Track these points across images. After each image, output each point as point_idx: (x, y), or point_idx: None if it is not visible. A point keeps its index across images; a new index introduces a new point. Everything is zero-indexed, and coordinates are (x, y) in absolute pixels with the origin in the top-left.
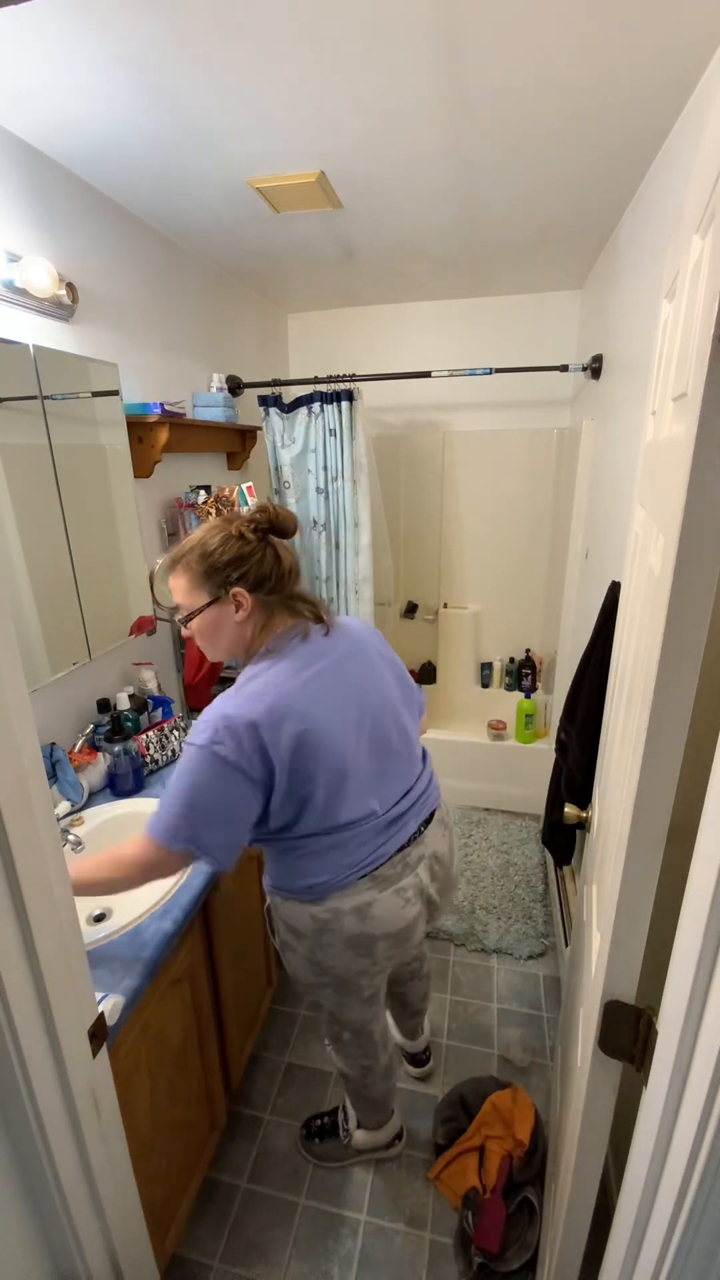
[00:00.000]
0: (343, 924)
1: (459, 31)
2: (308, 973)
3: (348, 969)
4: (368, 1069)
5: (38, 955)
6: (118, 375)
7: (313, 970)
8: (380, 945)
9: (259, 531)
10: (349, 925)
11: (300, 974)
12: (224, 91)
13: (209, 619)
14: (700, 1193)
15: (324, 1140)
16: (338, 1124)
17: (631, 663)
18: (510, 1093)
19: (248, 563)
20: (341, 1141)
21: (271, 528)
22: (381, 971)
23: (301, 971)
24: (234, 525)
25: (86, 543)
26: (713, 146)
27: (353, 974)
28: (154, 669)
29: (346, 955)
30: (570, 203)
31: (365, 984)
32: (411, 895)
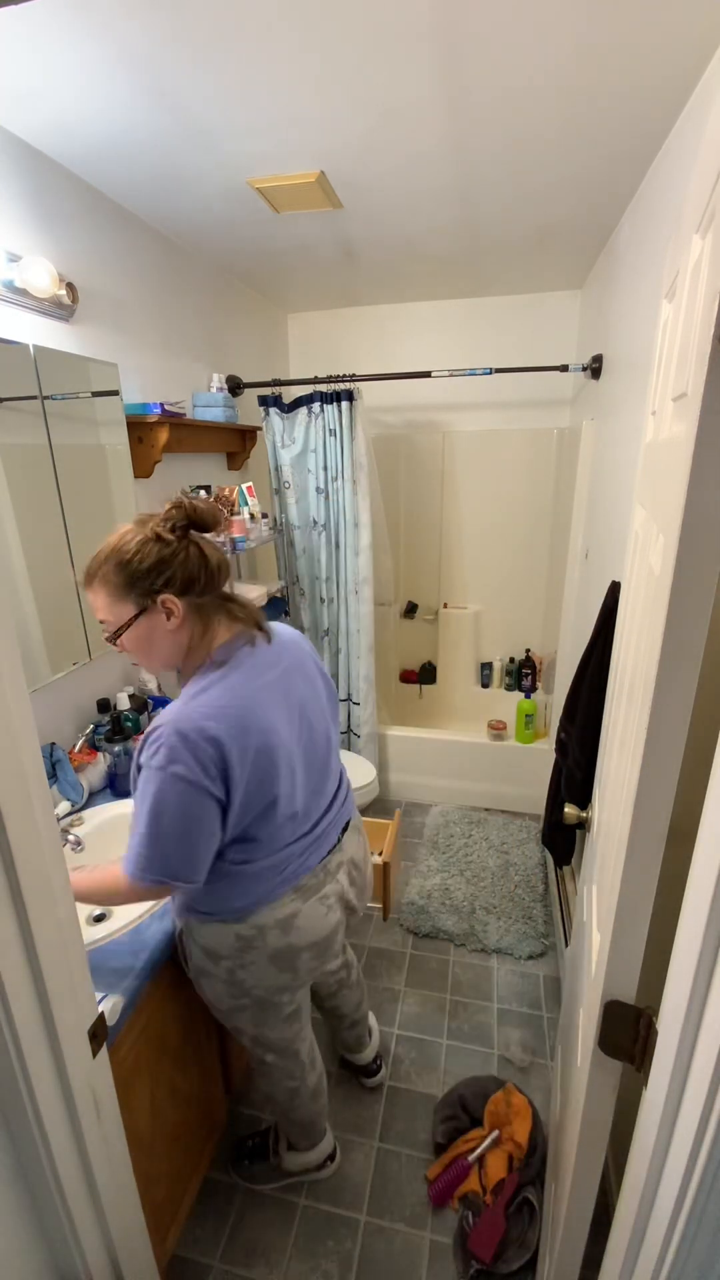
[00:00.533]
0: (267, 940)
1: (459, 31)
2: (225, 996)
3: (269, 986)
4: (294, 1091)
5: (38, 955)
6: (118, 375)
7: (231, 993)
8: (303, 957)
9: (178, 529)
10: (273, 940)
11: (218, 999)
12: (224, 91)
13: (139, 632)
14: (700, 1193)
15: (254, 1162)
16: (268, 1145)
17: (631, 663)
18: (503, 1094)
19: (171, 565)
20: (271, 1164)
21: (190, 523)
22: (302, 985)
23: (219, 996)
24: (149, 526)
25: (87, 543)
26: (713, 146)
27: (273, 991)
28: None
29: (269, 972)
30: (570, 202)
31: (286, 1000)
32: (333, 902)
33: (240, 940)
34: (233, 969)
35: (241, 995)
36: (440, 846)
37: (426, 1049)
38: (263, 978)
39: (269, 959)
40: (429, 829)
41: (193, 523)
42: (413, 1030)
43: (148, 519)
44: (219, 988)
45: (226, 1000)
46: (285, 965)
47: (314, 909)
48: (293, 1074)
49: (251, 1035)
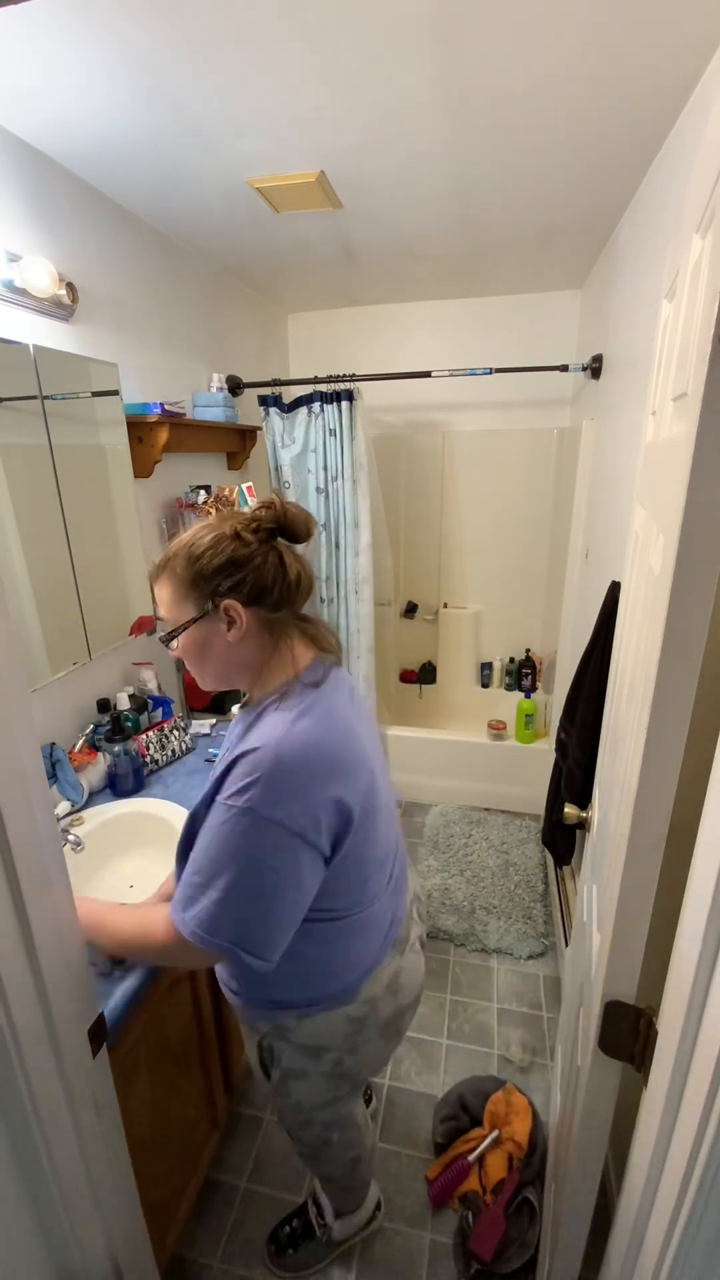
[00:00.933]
0: (380, 1011)
1: (459, 32)
2: (325, 1092)
3: (377, 1064)
4: (356, 1160)
5: (38, 955)
6: (118, 375)
7: (332, 1087)
8: (407, 1017)
9: (261, 531)
10: (385, 1009)
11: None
12: (224, 91)
13: (195, 637)
14: (700, 1193)
15: (299, 1249)
16: (310, 1223)
17: (631, 663)
18: (503, 1094)
19: (244, 569)
20: (320, 1240)
21: (278, 528)
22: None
23: (316, 1095)
24: (230, 523)
25: (86, 543)
26: (713, 146)
27: (376, 1068)
28: (154, 669)
29: (378, 1048)
30: (570, 202)
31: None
32: (418, 945)
33: (352, 1024)
34: (340, 1058)
35: (343, 1084)
36: (440, 846)
37: (426, 1049)
38: (372, 1057)
39: (380, 1033)
40: (429, 829)
41: (281, 528)
42: (413, 1030)
43: (230, 515)
44: (320, 1085)
45: (325, 1095)
46: (394, 1033)
47: (411, 961)
48: (354, 1143)
49: (324, 1123)
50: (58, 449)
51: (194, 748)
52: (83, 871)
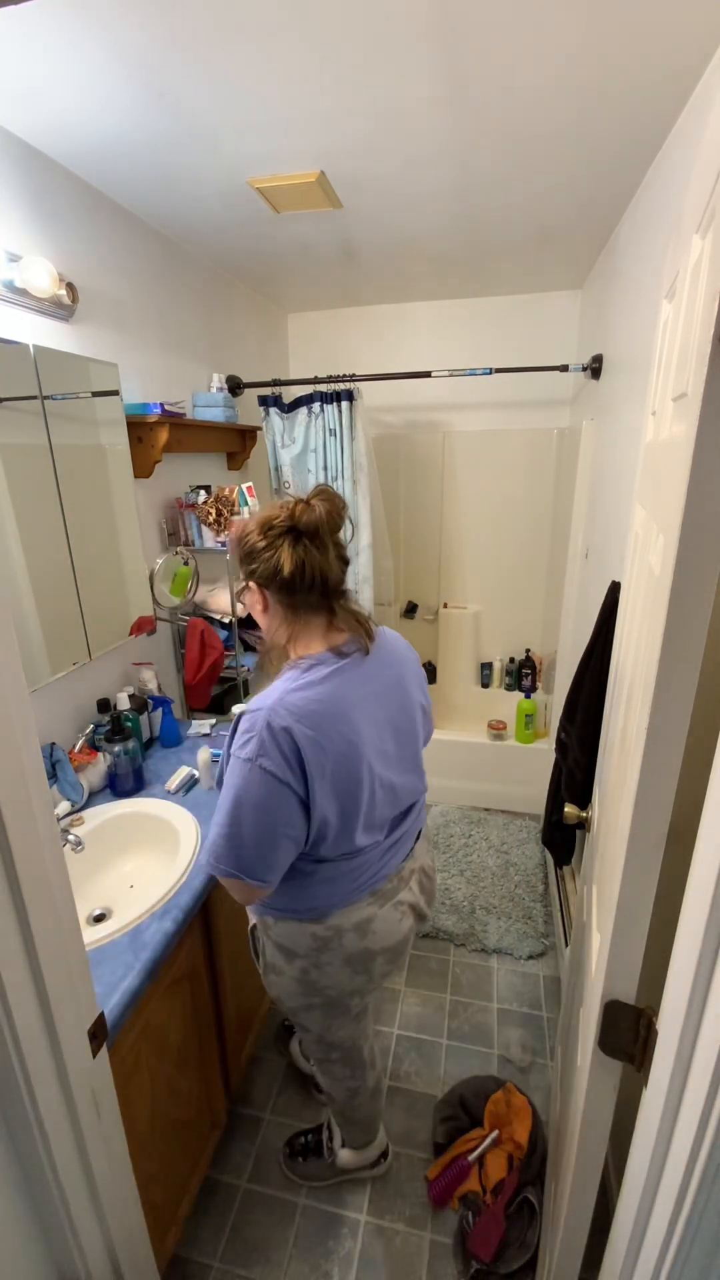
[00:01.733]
0: (343, 941)
1: (459, 31)
2: (296, 995)
3: (342, 988)
4: (355, 1090)
5: (38, 955)
6: (118, 375)
7: (303, 992)
8: (378, 961)
9: (275, 530)
10: (350, 942)
11: (287, 997)
12: (224, 91)
13: (247, 601)
14: (700, 1193)
15: (308, 1159)
16: (321, 1142)
17: (631, 663)
18: (503, 1094)
19: (256, 560)
20: (326, 1161)
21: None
22: (376, 989)
23: (289, 994)
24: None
25: (86, 543)
26: (713, 146)
27: (345, 994)
28: (154, 669)
29: (344, 974)
30: (570, 202)
31: (355, 1003)
32: (406, 909)
33: (316, 940)
34: (306, 969)
35: (313, 995)
36: (440, 846)
37: (426, 1049)
38: (336, 979)
39: (344, 961)
40: (429, 829)
41: (293, 528)
42: (413, 1030)
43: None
44: (290, 986)
45: (297, 999)
46: (360, 969)
47: (389, 914)
48: (355, 1073)
49: (317, 1034)
50: (58, 449)
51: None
52: (83, 871)
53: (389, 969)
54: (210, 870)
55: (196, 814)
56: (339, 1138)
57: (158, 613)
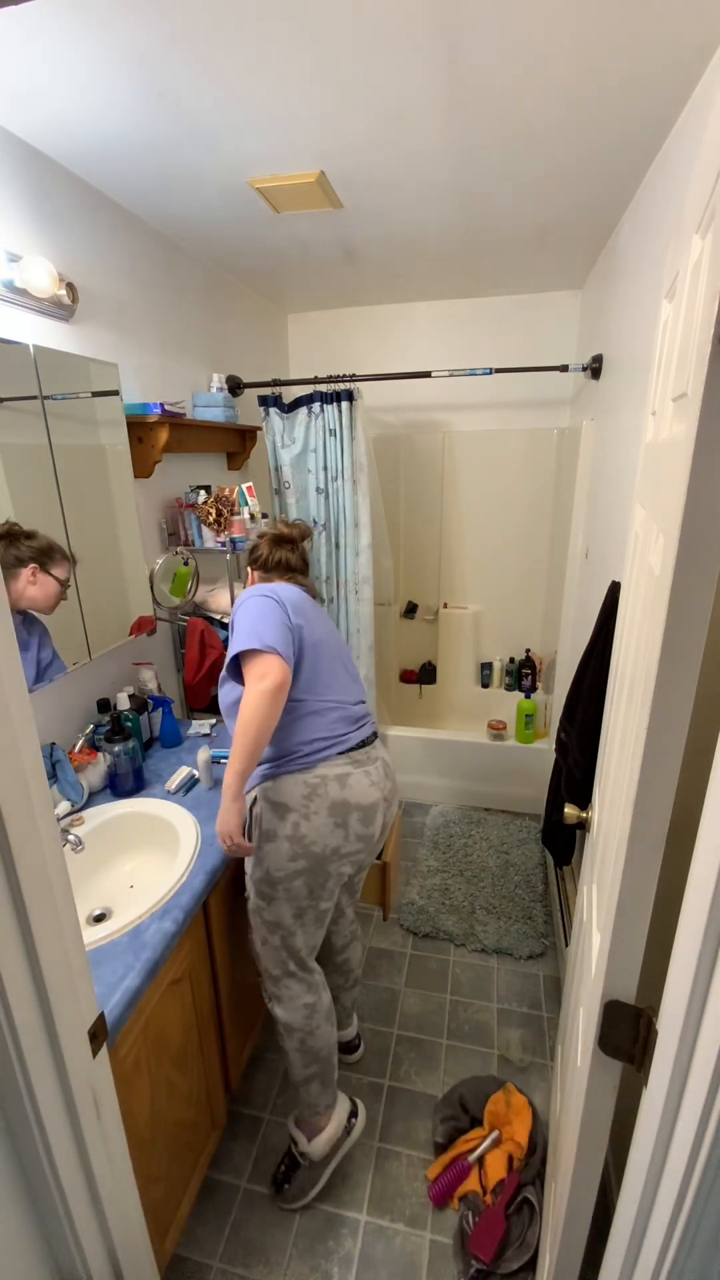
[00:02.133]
0: (328, 789)
1: (458, 31)
2: (284, 860)
3: (325, 843)
4: (312, 1008)
5: (38, 955)
6: (118, 375)
7: (291, 854)
8: (354, 817)
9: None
10: (333, 791)
11: (274, 867)
12: (224, 91)
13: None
14: (700, 1193)
15: (291, 1180)
16: (294, 1158)
17: (631, 663)
18: (503, 1094)
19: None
20: (304, 1166)
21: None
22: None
23: (279, 862)
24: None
25: (86, 543)
26: (713, 146)
27: (327, 852)
28: (154, 669)
29: (326, 825)
30: (570, 202)
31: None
32: (377, 779)
33: (306, 788)
34: (298, 822)
35: (299, 856)
36: (440, 846)
37: (426, 1049)
38: (321, 831)
39: (328, 810)
40: (429, 829)
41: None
42: (413, 1030)
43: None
44: (283, 849)
45: (285, 866)
46: (339, 820)
47: (361, 778)
48: (310, 987)
49: (283, 936)
50: (58, 449)
51: None
52: (83, 871)
53: (362, 830)
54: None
55: (196, 814)
56: (302, 1140)
57: (158, 613)
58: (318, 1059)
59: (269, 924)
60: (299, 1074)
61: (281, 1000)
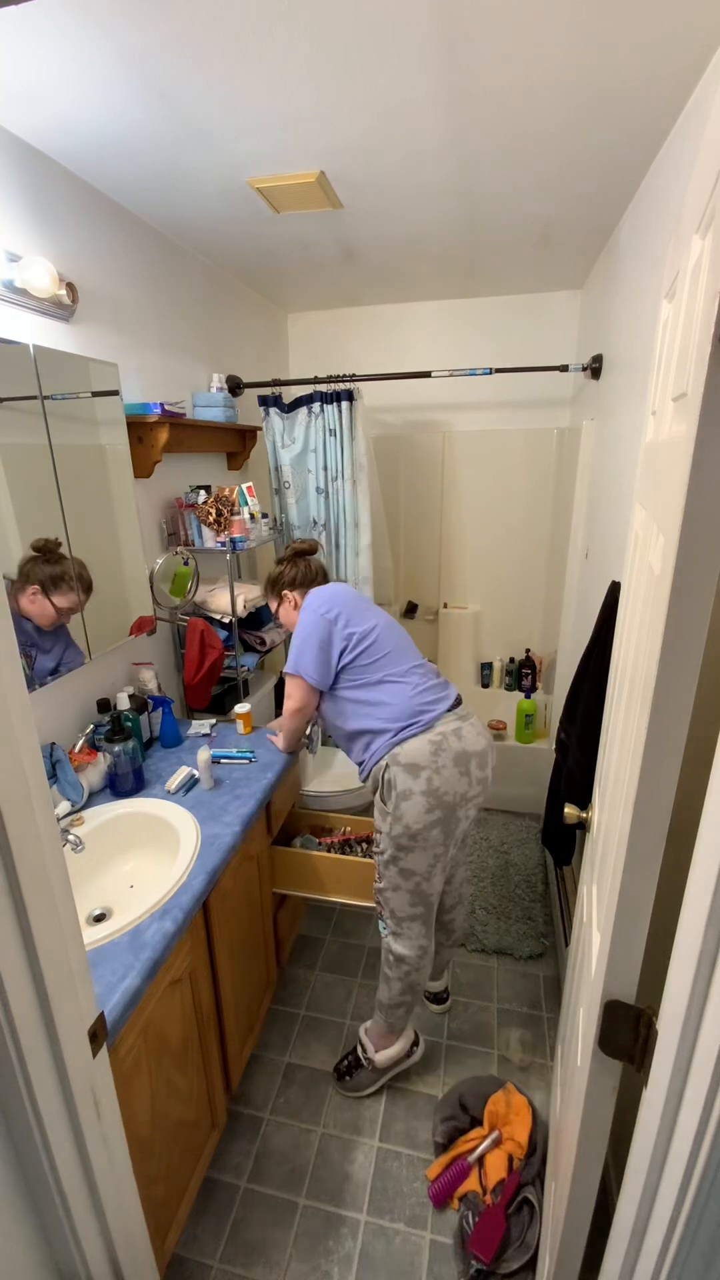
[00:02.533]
0: (449, 743)
1: (458, 31)
2: (422, 813)
3: (454, 792)
4: (424, 950)
5: (38, 955)
6: (118, 375)
7: (428, 806)
8: (473, 763)
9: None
10: (453, 744)
11: (414, 818)
12: (224, 91)
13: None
14: (700, 1193)
15: (354, 1075)
16: (358, 1058)
17: (631, 663)
18: (503, 1094)
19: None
20: (367, 1069)
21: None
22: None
23: (416, 815)
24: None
25: (86, 543)
26: (713, 146)
27: (456, 798)
28: (154, 669)
29: (454, 775)
30: (570, 202)
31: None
32: (480, 728)
33: (432, 745)
34: (430, 776)
35: (435, 806)
36: None
37: (426, 1049)
38: (451, 781)
39: (453, 760)
40: None
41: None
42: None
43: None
44: (419, 804)
45: (423, 818)
46: (464, 768)
47: (470, 729)
48: (427, 933)
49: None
50: (58, 449)
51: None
52: (83, 871)
53: (480, 774)
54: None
55: (196, 814)
56: (370, 1047)
57: (158, 613)
58: (413, 991)
59: (404, 872)
60: (393, 999)
61: (402, 937)
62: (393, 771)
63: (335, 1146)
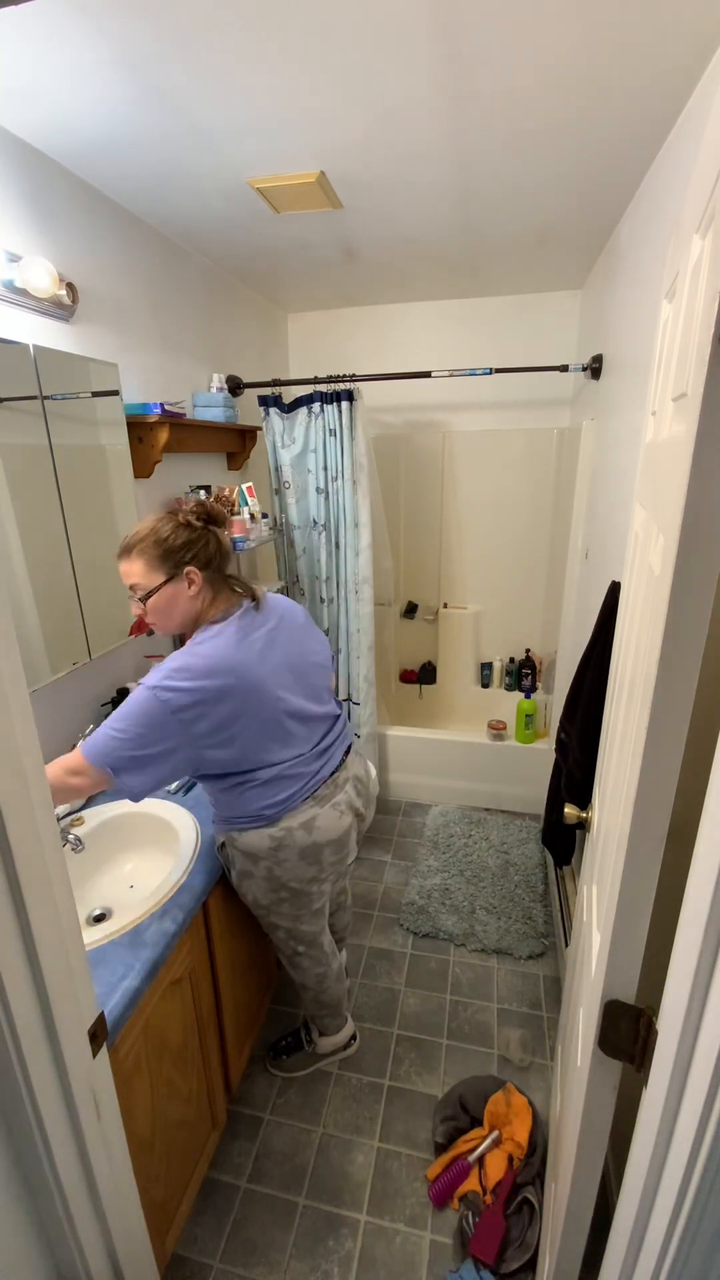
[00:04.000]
0: (295, 838)
1: (459, 31)
2: (266, 892)
3: (301, 878)
4: (322, 975)
5: (38, 955)
6: (118, 375)
7: (270, 888)
8: (326, 852)
9: (200, 519)
10: (300, 838)
11: (259, 897)
12: (224, 91)
13: (165, 596)
14: (700, 1193)
15: (291, 1055)
16: (300, 1039)
17: (631, 663)
18: (503, 1094)
19: (195, 546)
20: (306, 1052)
21: (209, 518)
22: (327, 879)
23: (260, 894)
24: (180, 515)
25: (86, 543)
26: (713, 146)
27: (305, 882)
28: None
29: (300, 866)
30: (570, 202)
31: (315, 892)
32: (344, 808)
33: (273, 841)
34: (270, 867)
35: (279, 889)
36: (440, 846)
37: (426, 1049)
38: (295, 871)
39: (299, 855)
40: (429, 829)
41: (210, 517)
42: (413, 1030)
43: (176, 510)
44: (261, 885)
45: (268, 896)
46: (311, 859)
47: (329, 814)
48: (320, 961)
49: (287, 929)
50: (58, 449)
51: None
52: (83, 871)
53: (335, 858)
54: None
55: (196, 814)
56: (315, 1031)
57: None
58: (327, 1006)
59: (271, 925)
60: (311, 1012)
61: (297, 967)
62: (231, 852)
63: (335, 1146)
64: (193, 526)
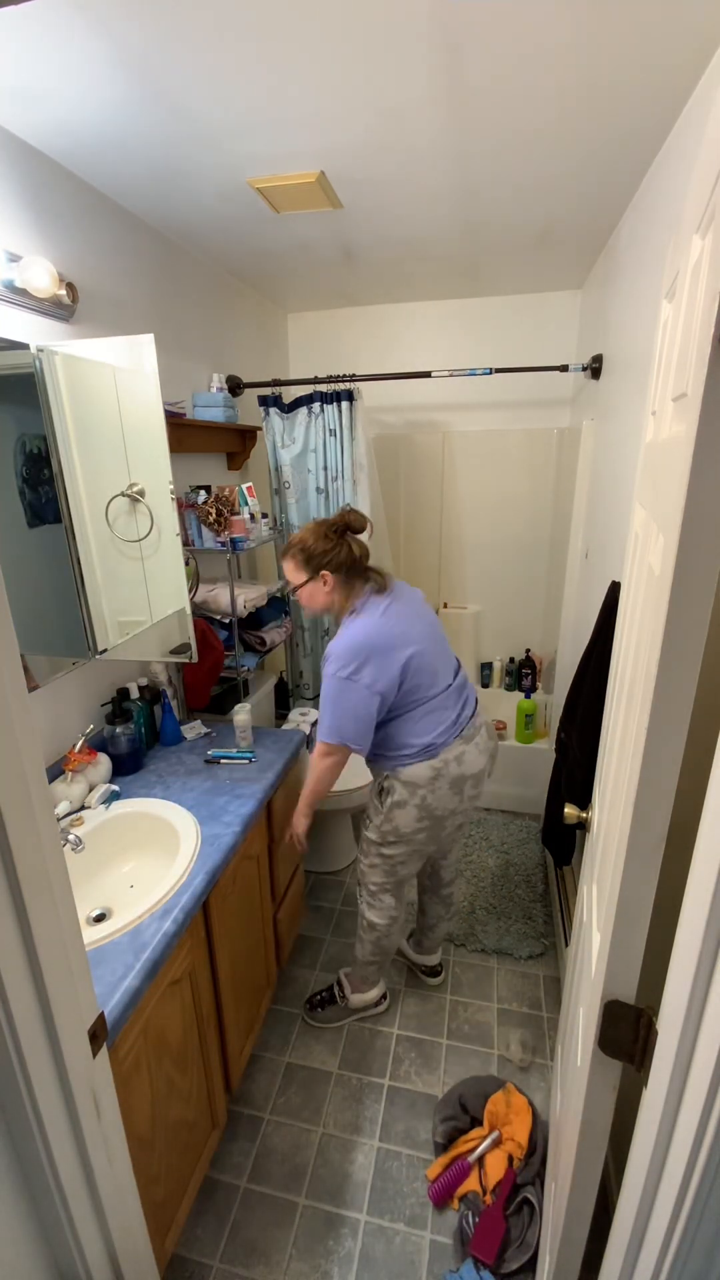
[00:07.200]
0: (449, 770)
1: (459, 31)
2: (412, 821)
3: (446, 807)
4: (394, 919)
5: (38, 955)
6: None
7: (419, 816)
8: (468, 784)
9: (337, 530)
10: (453, 769)
11: (403, 825)
12: (224, 91)
13: (307, 590)
14: (700, 1193)
15: (325, 1008)
16: (334, 995)
17: (631, 663)
18: (503, 1094)
19: (331, 554)
20: (339, 1005)
21: (346, 527)
22: (461, 812)
23: (407, 821)
24: (323, 527)
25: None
26: (713, 146)
27: (448, 812)
28: (164, 664)
29: (448, 795)
30: (570, 202)
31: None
32: (483, 746)
33: (434, 771)
34: (425, 795)
35: (425, 817)
36: None
37: (426, 1049)
38: (444, 801)
39: (449, 785)
40: None
41: (348, 527)
42: (413, 1030)
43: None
44: (411, 813)
45: (411, 825)
46: (457, 790)
47: (473, 750)
48: (397, 906)
49: (390, 867)
50: None
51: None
52: (83, 871)
53: (473, 792)
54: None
55: (196, 814)
56: (348, 988)
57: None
58: (383, 953)
59: (385, 857)
60: (365, 957)
61: (374, 907)
62: (391, 782)
63: (335, 1146)
64: (329, 538)
